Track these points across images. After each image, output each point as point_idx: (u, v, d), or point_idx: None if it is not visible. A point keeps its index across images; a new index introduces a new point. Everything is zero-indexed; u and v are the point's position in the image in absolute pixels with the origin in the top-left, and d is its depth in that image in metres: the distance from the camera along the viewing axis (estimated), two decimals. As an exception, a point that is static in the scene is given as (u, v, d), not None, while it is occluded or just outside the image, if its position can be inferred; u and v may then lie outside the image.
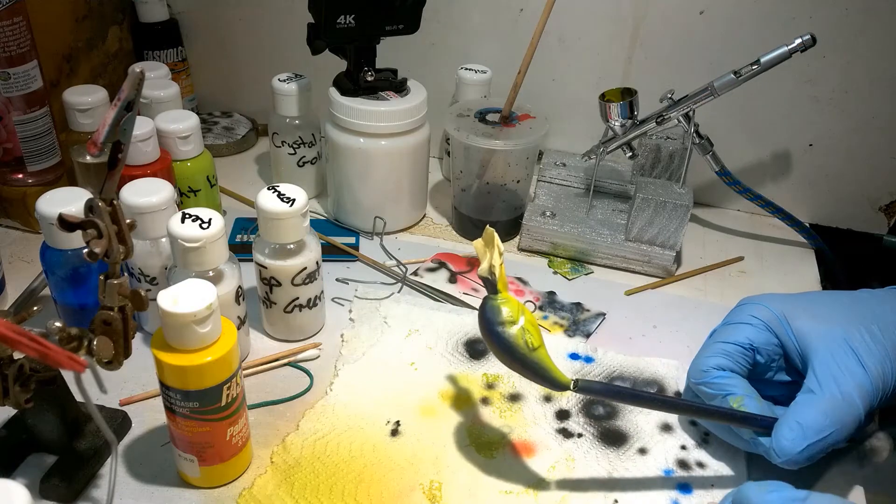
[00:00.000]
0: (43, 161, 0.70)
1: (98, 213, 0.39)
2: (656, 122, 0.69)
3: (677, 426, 0.55)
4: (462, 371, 0.59)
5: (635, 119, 0.69)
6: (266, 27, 0.88)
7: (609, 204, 0.76)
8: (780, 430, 0.47)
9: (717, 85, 0.66)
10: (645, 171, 0.76)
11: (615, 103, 0.68)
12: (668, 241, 0.70)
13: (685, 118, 0.68)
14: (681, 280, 0.71)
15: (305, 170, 0.79)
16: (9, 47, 0.64)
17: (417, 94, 0.71)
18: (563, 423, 0.55)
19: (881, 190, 0.78)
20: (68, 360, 0.34)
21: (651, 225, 0.69)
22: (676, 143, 0.75)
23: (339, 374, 0.58)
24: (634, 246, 0.71)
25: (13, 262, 0.68)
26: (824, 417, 0.46)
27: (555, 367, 0.46)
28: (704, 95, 0.66)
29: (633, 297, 0.69)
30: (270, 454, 0.51)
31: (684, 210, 0.68)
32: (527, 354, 0.45)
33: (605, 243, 0.71)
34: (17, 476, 0.48)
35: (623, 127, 0.69)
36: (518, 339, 0.45)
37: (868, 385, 0.47)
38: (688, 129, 0.69)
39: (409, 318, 0.63)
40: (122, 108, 0.38)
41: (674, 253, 0.70)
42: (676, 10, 0.75)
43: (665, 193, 0.68)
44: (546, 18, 0.65)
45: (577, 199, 0.77)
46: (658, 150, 0.75)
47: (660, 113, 0.69)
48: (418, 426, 0.54)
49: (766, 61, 0.64)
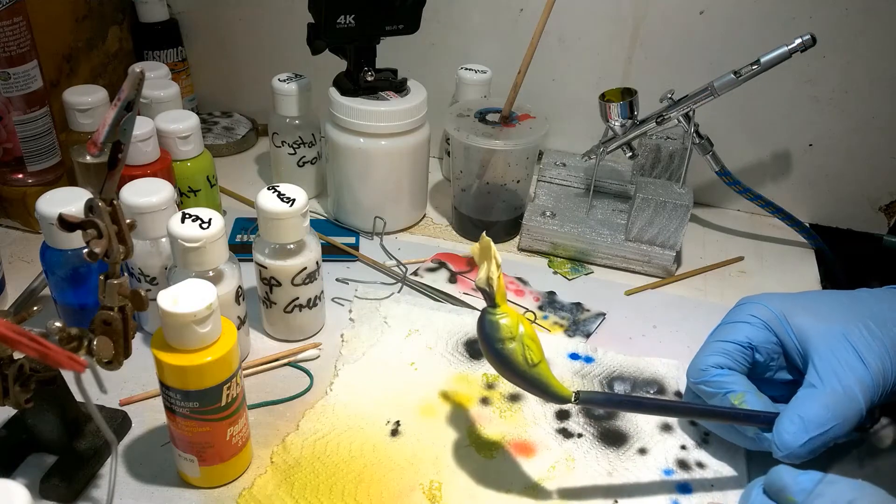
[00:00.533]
0: (43, 161, 0.70)
1: (98, 213, 0.39)
2: (656, 122, 0.69)
3: (677, 426, 0.55)
4: (462, 371, 0.59)
5: (635, 119, 0.69)
6: (266, 27, 0.88)
7: (609, 204, 0.76)
8: (782, 423, 0.47)
9: (717, 85, 0.66)
10: (645, 171, 0.76)
11: (615, 103, 0.68)
12: (668, 241, 0.70)
13: (685, 118, 0.68)
14: (681, 280, 0.71)
15: (305, 170, 0.79)
16: (9, 47, 0.64)
17: (417, 95, 0.71)
18: (562, 424, 0.54)
19: (881, 190, 0.78)
20: (68, 359, 0.34)
21: (651, 225, 0.69)
22: (676, 143, 0.75)
23: (339, 374, 0.58)
24: (634, 246, 0.71)
25: (13, 262, 0.68)
26: (826, 411, 0.46)
27: (555, 381, 0.45)
28: (704, 95, 0.66)
29: (632, 296, 0.69)
30: (270, 454, 0.51)
31: (684, 210, 0.68)
32: (526, 371, 0.44)
33: (605, 243, 0.71)
34: (17, 476, 0.48)
35: (623, 127, 0.69)
36: (517, 355, 0.44)
37: (868, 380, 0.47)
38: (688, 129, 0.69)
39: (409, 318, 0.63)
40: (121, 108, 0.38)
41: (674, 253, 0.70)
42: (676, 10, 0.75)
43: (665, 193, 0.68)
44: (546, 19, 0.65)
45: (577, 199, 0.77)
46: (658, 150, 0.75)
47: (660, 113, 0.69)
48: (418, 426, 0.54)
49: (766, 61, 0.64)
